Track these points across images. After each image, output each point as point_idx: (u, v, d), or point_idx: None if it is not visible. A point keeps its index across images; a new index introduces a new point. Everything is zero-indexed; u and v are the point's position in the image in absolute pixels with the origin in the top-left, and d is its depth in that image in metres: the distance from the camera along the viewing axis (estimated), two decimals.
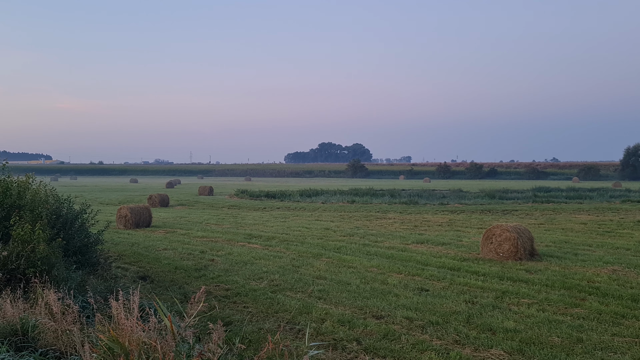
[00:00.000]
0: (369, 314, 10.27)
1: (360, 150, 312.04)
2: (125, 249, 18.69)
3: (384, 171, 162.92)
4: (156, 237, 22.02)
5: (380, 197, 43.67)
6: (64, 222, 12.05)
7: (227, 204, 40.50)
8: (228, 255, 17.03)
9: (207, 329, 5.34)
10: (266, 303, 11.10)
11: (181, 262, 15.87)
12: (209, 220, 28.74)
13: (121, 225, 25.79)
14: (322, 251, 17.72)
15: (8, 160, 12.79)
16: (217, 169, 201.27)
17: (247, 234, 22.27)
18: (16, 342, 4.71)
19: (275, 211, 34.45)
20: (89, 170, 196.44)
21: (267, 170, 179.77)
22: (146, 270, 14.82)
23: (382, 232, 22.86)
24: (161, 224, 27.03)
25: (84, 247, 12.29)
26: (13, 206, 10.47)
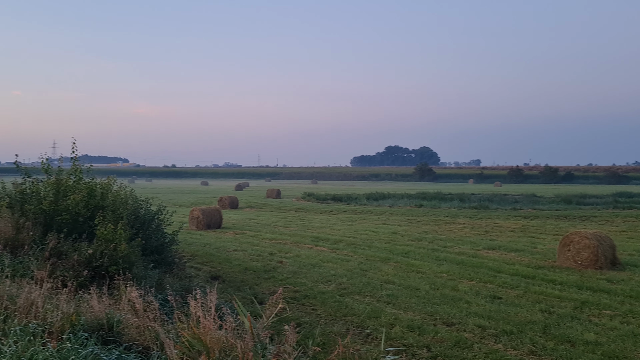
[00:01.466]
0: (439, 320, 10.08)
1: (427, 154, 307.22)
2: (198, 249, 19.28)
3: (452, 175, 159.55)
4: (227, 238, 22.58)
5: (449, 201, 42.79)
6: (142, 222, 12.58)
7: (294, 206, 40.97)
8: (296, 258, 17.21)
9: (278, 329, 5.42)
10: (334, 306, 11.13)
11: (251, 263, 16.18)
12: (277, 222, 29.17)
13: (193, 226, 26.62)
14: (389, 255, 17.58)
15: (91, 164, 13.51)
16: (284, 171, 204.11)
17: (314, 237, 22.42)
18: (103, 335, 4.98)
19: (341, 214, 34.52)
20: (163, 172, 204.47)
21: (333, 174, 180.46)
22: (218, 271, 15.22)
23: (452, 237, 22.39)
24: (231, 225, 27.69)
25: (161, 246, 12.78)
26: (97, 207, 11.06)
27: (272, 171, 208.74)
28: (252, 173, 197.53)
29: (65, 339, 4.53)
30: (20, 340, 4.40)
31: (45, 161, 12.39)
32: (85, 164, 12.74)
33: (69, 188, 11.22)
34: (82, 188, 11.26)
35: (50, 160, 12.83)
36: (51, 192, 11.26)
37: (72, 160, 12.34)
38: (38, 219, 10.72)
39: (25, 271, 7.82)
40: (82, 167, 12.29)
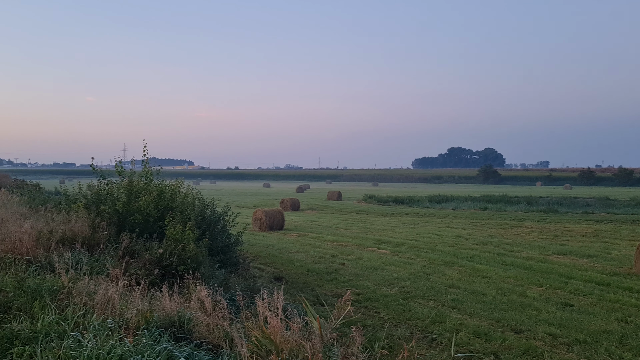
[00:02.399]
0: (507, 327, 9.78)
1: (492, 155, 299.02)
2: (261, 250, 19.60)
3: (518, 177, 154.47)
4: (289, 239, 22.84)
5: (515, 204, 41.49)
6: (209, 223, 12.92)
7: (356, 208, 40.93)
8: (358, 260, 17.18)
9: (342, 332, 5.42)
10: (398, 310, 11.03)
11: (313, 265, 16.29)
12: (338, 224, 29.23)
13: (256, 227, 27.10)
14: (454, 259, 17.24)
15: (161, 166, 14.01)
16: (344, 174, 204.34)
17: (376, 239, 22.31)
18: (174, 332, 5.15)
19: (403, 217, 34.18)
20: (227, 175, 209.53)
21: (394, 176, 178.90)
22: (281, 272, 15.41)
23: (519, 242, 21.69)
24: (293, 227, 27.99)
25: (226, 247, 13.07)
26: (166, 208, 11.46)
27: (332, 173, 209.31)
28: (313, 175, 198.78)
29: (140, 334, 4.72)
30: (99, 334, 4.62)
31: (119, 164, 12.97)
32: (155, 167, 13.23)
33: (141, 190, 11.69)
34: (153, 190, 11.70)
35: (122, 163, 13.42)
36: (124, 194, 11.76)
37: (143, 163, 12.85)
38: (112, 219, 11.22)
39: (101, 269, 8.18)
40: (152, 169, 12.78)
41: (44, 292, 6.39)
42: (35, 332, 4.95)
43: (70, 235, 10.27)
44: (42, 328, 5.02)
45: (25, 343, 4.73)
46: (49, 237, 9.92)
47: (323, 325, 4.12)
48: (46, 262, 8.62)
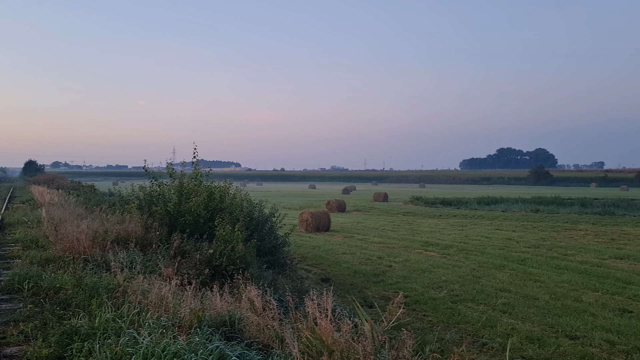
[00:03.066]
0: (561, 333, 9.48)
1: (543, 156, 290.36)
2: (308, 251, 19.67)
3: (571, 178, 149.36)
4: (335, 241, 22.84)
5: (569, 206, 40.17)
6: (256, 224, 13.08)
7: (402, 210, 40.57)
8: (405, 262, 17.01)
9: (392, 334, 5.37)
10: (446, 313, 10.85)
11: (360, 267, 16.23)
12: (385, 226, 29.04)
13: (303, 228, 27.23)
14: (504, 262, 16.83)
15: (210, 168, 14.27)
16: (390, 175, 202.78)
17: (423, 242, 22.04)
18: (225, 332, 5.24)
19: (451, 219, 33.63)
20: (273, 176, 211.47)
21: (441, 177, 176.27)
22: (327, 273, 15.43)
23: (573, 245, 20.98)
24: (339, 228, 27.98)
25: (273, 248, 13.19)
26: (216, 209, 11.66)
27: (378, 175, 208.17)
28: (359, 177, 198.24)
29: (193, 333, 4.82)
30: (154, 332, 4.75)
31: (170, 166, 13.30)
32: (205, 168, 13.49)
33: (191, 191, 11.93)
34: (203, 191, 11.93)
35: (172, 165, 13.75)
36: (175, 195, 12.04)
37: (193, 165, 13.13)
38: (164, 220, 11.51)
39: (154, 268, 8.40)
40: (202, 171, 13.04)
41: (101, 290, 6.62)
42: (93, 328, 5.13)
43: (124, 235, 10.60)
44: (99, 325, 5.20)
45: (84, 339, 4.91)
46: (104, 236, 10.26)
47: (374, 328, 4.09)
48: (102, 261, 8.91)
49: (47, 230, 12.82)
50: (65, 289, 7.00)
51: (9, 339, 5.39)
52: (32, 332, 5.41)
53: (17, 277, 7.70)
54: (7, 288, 7.57)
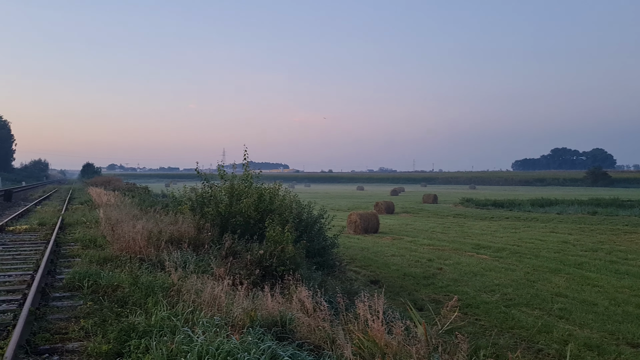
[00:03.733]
0: (622, 340, 9.09)
1: (601, 156, 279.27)
2: (356, 253, 19.61)
3: (631, 179, 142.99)
4: (384, 243, 22.68)
5: (629, 208, 38.49)
6: (305, 225, 13.13)
7: (452, 212, 39.90)
8: (456, 265, 16.72)
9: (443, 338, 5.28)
10: (500, 317, 10.60)
11: (409, 269, 16.06)
12: (435, 228, 28.62)
13: (351, 230, 27.17)
14: (560, 266, 16.29)
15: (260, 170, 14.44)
16: (440, 176, 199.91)
17: (474, 244, 21.60)
18: (277, 332, 5.28)
19: (503, 221, 32.82)
20: (320, 178, 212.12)
21: (492, 178, 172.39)
22: (376, 275, 15.34)
23: (634, 249, 20.09)
24: (388, 230, 27.77)
25: (322, 249, 13.21)
26: (266, 210, 11.79)
27: (427, 176, 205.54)
28: (407, 178, 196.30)
29: (245, 332, 4.88)
30: (208, 331, 4.84)
31: (220, 168, 13.54)
32: (255, 170, 13.66)
33: (242, 193, 12.11)
34: (253, 193, 12.08)
35: (223, 167, 13.99)
36: (226, 197, 12.24)
37: (243, 167, 13.32)
38: (215, 221, 11.72)
39: (206, 268, 8.56)
40: (252, 172, 13.21)
41: (156, 288, 6.80)
42: (149, 326, 5.27)
43: (178, 235, 10.86)
44: (155, 322, 5.34)
45: (141, 336, 5.05)
46: (158, 237, 10.54)
47: (427, 331, 4.04)
48: (157, 260, 9.16)
49: (105, 230, 13.27)
50: (123, 287, 7.22)
51: (71, 334, 5.61)
52: (92, 329, 5.61)
53: (77, 275, 8.00)
54: (69, 286, 7.88)
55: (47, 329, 5.83)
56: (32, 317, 5.99)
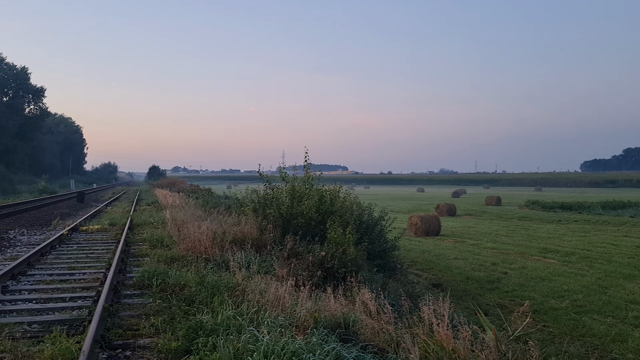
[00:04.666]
0: None
1: None
2: (417, 256, 19.37)
3: None
4: (445, 246, 22.28)
5: None
6: (366, 227, 13.08)
7: (517, 214, 38.69)
8: (522, 269, 16.21)
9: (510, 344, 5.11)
10: (569, 324, 10.19)
11: (472, 273, 15.71)
12: (499, 231, 27.85)
13: (412, 232, 26.86)
14: (635, 272, 15.47)
15: (321, 172, 14.51)
16: (503, 178, 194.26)
17: (541, 248, 20.85)
18: (340, 334, 5.28)
19: (572, 224, 31.51)
20: (380, 179, 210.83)
21: (559, 180, 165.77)
22: (438, 278, 15.09)
23: None
24: (449, 233, 27.27)
25: (383, 251, 13.13)
26: (327, 212, 11.84)
27: (490, 178, 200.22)
28: (469, 180, 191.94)
29: (310, 333, 4.91)
30: (272, 331, 4.90)
31: (282, 170, 13.71)
32: (316, 172, 13.75)
33: (303, 194, 12.21)
34: (314, 194, 12.15)
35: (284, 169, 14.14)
36: (287, 198, 12.38)
37: (304, 169, 13.43)
38: (277, 222, 11.87)
39: (269, 269, 8.68)
40: (313, 174, 13.30)
41: (222, 288, 6.95)
42: (216, 324, 5.39)
43: (241, 236, 11.06)
44: (222, 321, 5.45)
45: (208, 334, 5.17)
46: (222, 237, 10.78)
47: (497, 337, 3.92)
48: (221, 260, 9.36)
49: (171, 230, 13.69)
50: (189, 286, 7.43)
51: (141, 330, 5.82)
52: (162, 326, 5.79)
53: (146, 274, 8.29)
54: (138, 284, 8.18)
55: (120, 325, 6.07)
56: (105, 314, 6.25)
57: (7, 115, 68.79)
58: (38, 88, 78.71)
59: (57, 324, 6.06)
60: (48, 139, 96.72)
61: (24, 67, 76.10)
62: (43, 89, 79.69)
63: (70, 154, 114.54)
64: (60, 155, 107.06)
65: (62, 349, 4.85)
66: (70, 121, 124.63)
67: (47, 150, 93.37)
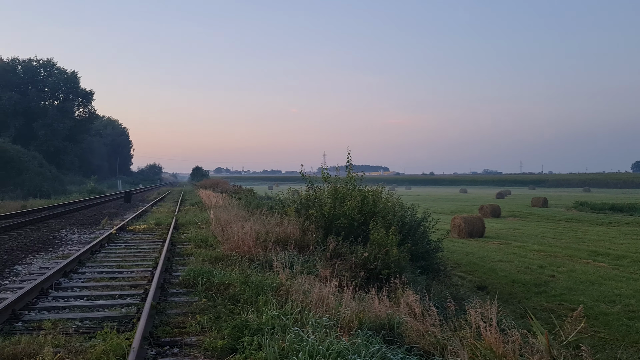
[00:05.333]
0: None
1: None
2: (460, 257, 19.07)
3: None
4: (490, 248, 21.86)
5: None
6: (409, 229, 12.97)
7: (565, 216, 37.62)
8: (570, 273, 15.74)
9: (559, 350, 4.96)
10: (621, 330, 9.84)
11: (518, 276, 15.36)
12: (545, 233, 27.14)
13: (455, 234, 26.46)
14: None
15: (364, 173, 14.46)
16: (550, 179, 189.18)
17: (590, 251, 20.21)
18: (385, 335, 5.25)
19: (623, 227, 30.41)
20: (421, 180, 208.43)
21: (609, 181, 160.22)
22: (483, 281, 14.82)
23: None
24: (494, 234, 26.74)
25: (426, 253, 12.99)
26: (369, 213, 11.79)
27: (536, 178, 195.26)
28: (514, 180, 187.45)
29: (354, 334, 4.90)
30: (317, 331, 4.91)
31: (324, 170, 13.74)
32: (358, 173, 13.71)
33: (345, 195, 12.19)
34: (356, 195, 12.12)
35: (321, 170, 14.16)
36: (330, 199, 12.39)
37: (346, 170, 13.42)
38: (319, 223, 11.90)
39: (312, 269, 8.70)
40: (356, 175, 13.28)
41: (266, 287, 7.01)
42: (261, 324, 5.44)
43: (283, 236, 11.14)
44: (266, 321, 5.50)
45: (253, 333, 5.22)
46: (265, 238, 10.88)
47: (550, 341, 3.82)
48: (264, 260, 9.44)
49: (215, 230, 13.88)
50: (234, 286, 7.51)
51: (188, 328, 5.93)
52: (208, 324, 5.88)
53: (192, 273, 8.43)
54: (184, 282, 8.33)
55: (167, 322, 6.19)
56: (153, 311, 6.40)
57: (58, 118, 71.29)
58: (87, 91, 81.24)
59: (107, 321, 6.22)
60: (96, 141, 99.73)
61: (73, 72, 78.72)
62: (92, 93, 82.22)
63: (117, 155, 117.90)
64: (108, 157, 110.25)
65: (113, 345, 4.98)
66: (117, 123, 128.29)
67: (95, 151, 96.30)
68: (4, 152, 45.16)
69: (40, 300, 7.41)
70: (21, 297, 6.94)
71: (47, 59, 76.87)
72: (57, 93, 77.65)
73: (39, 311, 6.88)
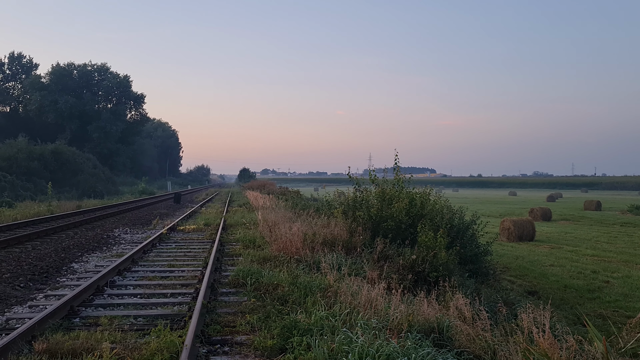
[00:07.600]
0: None
1: None
2: (510, 261, 18.65)
3: None
4: (540, 252, 21.30)
5: None
6: (457, 231, 12.80)
7: (619, 220, 36.24)
8: (626, 279, 15.17)
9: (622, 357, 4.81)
10: None
11: (570, 281, 14.92)
12: (599, 237, 26.22)
13: (504, 237, 25.89)
14: None
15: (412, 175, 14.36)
16: (603, 181, 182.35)
17: None
18: (434, 338, 5.22)
19: None
20: (469, 182, 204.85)
21: None
22: (533, 286, 14.46)
23: None
24: (545, 238, 26.02)
25: (475, 256, 12.78)
26: (417, 215, 11.71)
27: (588, 181, 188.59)
28: (565, 183, 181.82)
29: (404, 337, 4.89)
30: (366, 333, 4.93)
31: (372, 172, 13.73)
32: (406, 175, 13.64)
33: (393, 197, 12.15)
34: (404, 197, 12.06)
35: (367, 172, 14.15)
36: (377, 201, 12.37)
37: (394, 171, 13.37)
38: (367, 225, 11.90)
39: (359, 271, 8.72)
40: (403, 177, 13.21)
41: (314, 289, 7.08)
42: (310, 324, 5.50)
43: (331, 238, 11.19)
44: (315, 321, 5.56)
45: (302, 334, 5.29)
46: (313, 239, 10.95)
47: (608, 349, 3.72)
48: (312, 261, 9.52)
49: (263, 231, 14.07)
50: (282, 286, 7.61)
51: (238, 327, 6.05)
52: (257, 324, 5.99)
53: (241, 273, 8.59)
54: (233, 282, 8.49)
55: (218, 321, 6.34)
56: (204, 310, 6.56)
57: (111, 121, 73.74)
58: (138, 95, 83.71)
59: (160, 319, 6.42)
60: (147, 143, 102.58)
61: (126, 76, 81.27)
62: (143, 96, 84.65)
63: (167, 157, 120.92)
64: (158, 158, 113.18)
65: (166, 342, 5.14)
66: (167, 126, 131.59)
67: (146, 153, 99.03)
68: (61, 154, 47.05)
69: (97, 298, 7.72)
70: (78, 294, 7.25)
71: (101, 64, 79.64)
72: (110, 96, 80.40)
73: (95, 308, 7.17)
